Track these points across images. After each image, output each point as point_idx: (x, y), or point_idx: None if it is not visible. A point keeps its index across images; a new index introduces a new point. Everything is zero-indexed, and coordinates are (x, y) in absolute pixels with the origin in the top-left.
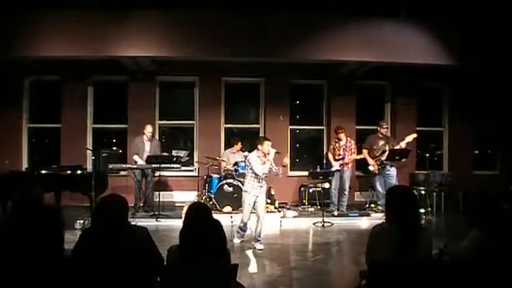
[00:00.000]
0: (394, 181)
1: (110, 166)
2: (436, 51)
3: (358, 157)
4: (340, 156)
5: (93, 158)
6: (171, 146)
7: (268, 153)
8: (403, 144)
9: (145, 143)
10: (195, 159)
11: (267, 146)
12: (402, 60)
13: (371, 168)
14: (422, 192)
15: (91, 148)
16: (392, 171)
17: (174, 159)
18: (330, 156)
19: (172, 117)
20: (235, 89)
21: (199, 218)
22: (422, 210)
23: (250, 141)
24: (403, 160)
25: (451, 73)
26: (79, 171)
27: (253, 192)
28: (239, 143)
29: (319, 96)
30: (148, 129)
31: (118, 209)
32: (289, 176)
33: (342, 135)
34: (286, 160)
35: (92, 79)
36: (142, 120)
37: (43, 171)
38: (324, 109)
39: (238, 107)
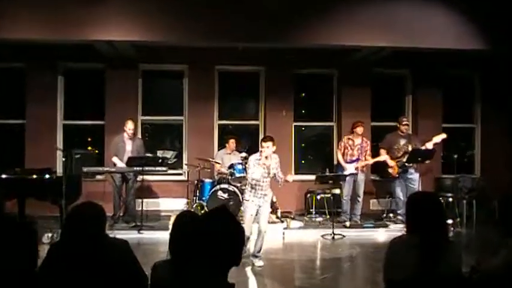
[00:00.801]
0: (416, 186)
1: (84, 169)
2: (465, 34)
3: (373, 161)
4: (354, 158)
5: (63, 159)
6: (156, 146)
7: (267, 158)
8: (429, 146)
9: (126, 142)
10: (184, 161)
11: (266, 148)
12: (425, 45)
13: (390, 171)
14: (450, 199)
15: (61, 148)
16: (414, 175)
17: (160, 161)
18: (340, 157)
19: (158, 112)
20: (230, 79)
21: (188, 230)
22: (450, 221)
23: (251, 140)
24: (427, 162)
25: (483, 59)
26: (47, 176)
27: (255, 201)
28: (232, 141)
29: (329, 87)
30: (130, 126)
31: (93, 220)
32: (294, 181)
33: (360, 130)
34: (291, 178)
35: (63, 67)
36: (122, 116)
37: (3, 176)
38: (334, 103)
39: (234, 100)
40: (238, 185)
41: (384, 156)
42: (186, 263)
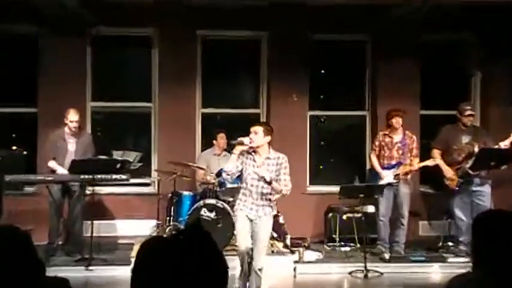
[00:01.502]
0: (487, 204)
1: (8, 178)
2: None
3: (421, 166)
4: (393, 162)
5: None
6: (113, 145)
7: (256, 153)
8: (505, 144)
9: (68, 139)
10: (153, 165)
11: (254, 134)
12: None
13: (447, 182)
14: None
15: None
16: (483, 187)
17: (118, 166)
18: (375, 161)
19: (115, 97)
20: (218, 49)
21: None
22: None
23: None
24: (502, 168)
25: None
26: None
27: (245, 210)
28: (221, 137)
29: (359, 60)
30: (73, 116)
31: (15, 252)
32: (308, 194)
33: (397, 123)
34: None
35: None
36: (62, 102)
37: None
38: (367, 83)
39: (224, 79)
40: (231, 199)
41: (437, 160)
42: None
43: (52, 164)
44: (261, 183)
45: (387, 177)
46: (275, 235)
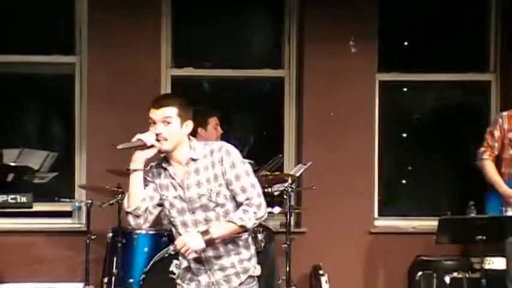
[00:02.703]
0: None
1: None
2: None
3: None
4: None
5: None
6: (7, 141)
7: (170, 155)
8: None
9: None
10: (77, 177)
11: (163, 124)
12: None
13: None
14: None
15: None
16: None
17: (10, 177)
18: (491, 169)
19: (9, 48)
20: None
21: None
22: None
23: (262, 121)
24: None
25: None
26: None
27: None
28: (213, 120)
29: None
30: None
31: None
32: (377, 233)
33: None
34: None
35: None
36: None
37: None
38: (493, 23)
39: (214, 14)
40: None
41: None
42: None
43: None
44: (201, 215)
45: None
46: None
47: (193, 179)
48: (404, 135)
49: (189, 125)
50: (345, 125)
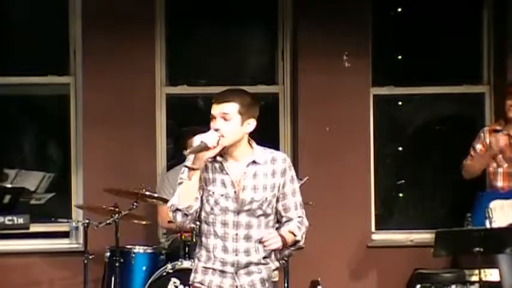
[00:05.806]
0: None
1: None
2: None
3: None
4: None
5: None
6: (3, 163)
7: (227, 152)
8: None
9: None
10: (74, 197)
11: (222, 119)
12: None
13: None
14: None
15: None
16: None
17: (7, 199)
18: (468, 162)
19: (8, 70)
20: None
21: None
22: None
23: (259, 134)
24: None
25: None
26: None
27: (208, 282)
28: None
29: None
30: None
31: None
32: (375, 247)
33: None
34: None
35: None
36: None
37: None
38: (485, 34)
39: (209, 31)
40: None
41: None
42: None
43: None
44: (244, 218)
45: (503, 213)
46: None
47: (250, 181)
48: (400, 148)
49: (252, 123)
50: (341, 139)
